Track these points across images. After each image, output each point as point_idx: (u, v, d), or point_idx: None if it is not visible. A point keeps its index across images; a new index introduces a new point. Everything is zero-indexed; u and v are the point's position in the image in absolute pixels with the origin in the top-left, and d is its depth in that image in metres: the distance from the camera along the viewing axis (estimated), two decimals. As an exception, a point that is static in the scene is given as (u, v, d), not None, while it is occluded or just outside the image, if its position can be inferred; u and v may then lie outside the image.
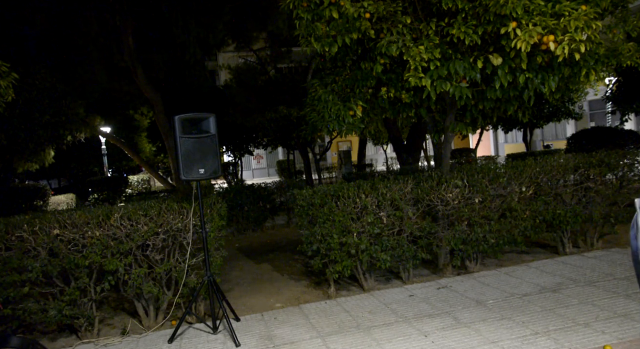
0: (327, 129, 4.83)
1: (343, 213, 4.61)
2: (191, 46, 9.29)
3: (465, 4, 4.06)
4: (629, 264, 4.90)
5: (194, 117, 4.16)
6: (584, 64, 4.11)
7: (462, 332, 3.67)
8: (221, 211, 4.55)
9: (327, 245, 4.61)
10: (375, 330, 3.89)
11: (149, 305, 4.46)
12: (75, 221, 4.14)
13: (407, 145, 9.01)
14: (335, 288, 4.98)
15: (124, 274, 4.18)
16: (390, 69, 4.74)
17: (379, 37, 4.40)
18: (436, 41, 4.15)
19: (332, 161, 26.70)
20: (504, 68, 4.09)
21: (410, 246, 4.79)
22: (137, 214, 4.24)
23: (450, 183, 4.87)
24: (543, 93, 4.35)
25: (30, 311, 4.04)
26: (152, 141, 15.97)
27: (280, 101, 12.63)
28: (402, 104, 5.01)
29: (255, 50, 14.30)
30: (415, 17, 4.46)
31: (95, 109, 12.21)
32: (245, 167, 23.02)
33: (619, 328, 3.45)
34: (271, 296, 5.13)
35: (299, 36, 4.62)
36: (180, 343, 4.05)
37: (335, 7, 4.26)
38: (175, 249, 4.41)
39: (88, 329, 4.32)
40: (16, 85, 4.43)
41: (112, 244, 4.14)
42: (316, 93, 4.90)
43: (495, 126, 16.75)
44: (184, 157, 4.03)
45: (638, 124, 20.37)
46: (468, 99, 4.35)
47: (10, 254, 3.98)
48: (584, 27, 3.66)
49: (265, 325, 4.26)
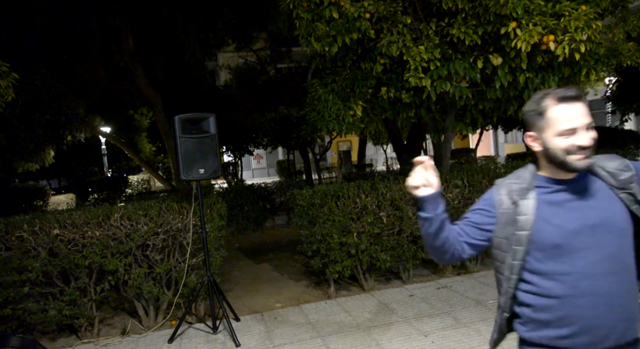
0: (327, 129, 4.83)
1: (343, 213, 4.61)
2: (191, 46, 9.28)
3: (465, 4, 4.06)
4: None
5: (194, 117, 4.15)
6: (584, 64, 4.11)
7: (462, 332, 3.67)
8: (221, 211, 4.55)
9: (327, 245, 4.61)
10: (375, 330, 3.89)
11: (149, 305, 4.45)
12: (75, 221, 4.14)
13: (407, 145, 9.01)
14: (335, 288, 4.98)
15: (124, 274, 4.18)
16: (390, 69, 4.74)
17: (379, 37, 4.40)
18: (436, 41, 4.15)
19: (332, 161, 26.68)
20: (504, 68, 4.10)
21: (410, 246, 4.78)
22: (137, 214, 4.24)
23: (450, 183, 4.87)
24: (543, 93, 4.34)
25: (30, 311, 4.04)
26: (152, 141, 15.95)
27: (280, 101, 12.60)
28: (402, 104, 5.00)
29: (255, 50, 14.28)
30: (415, 17, 4.46)
31: (95, 109, 12.21)
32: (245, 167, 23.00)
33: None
34: (271, 296, 5.13)
35: (299, 36, 4.62)
36: (180, 343, 4.05)
37: (335, 7, 4.26)
38: (175, 249, 4.40)
39: (88, 329, 4.32)
40: (16, 85, 4.42)
41: (112, 244, 4.13)
42: (316, 93, 4.90)
43: (495, 126, 16.74)
44: (184, 157, 4.02)
45: (638, 124, 20.36)
46: (468, 99, 4.35)
47: (10, 254, 3.98)
48: (584, 27, 3.66)
49: (265, 325, 4.26)
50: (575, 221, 1.36)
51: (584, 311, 1.32)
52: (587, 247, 1.34)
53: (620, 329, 1.32)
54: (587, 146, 1.34)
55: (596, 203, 1.38)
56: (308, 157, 14.27)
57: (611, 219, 1.35)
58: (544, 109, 1.39)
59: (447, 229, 1.51)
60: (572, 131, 1.35)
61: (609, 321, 1.31)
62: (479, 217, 1.53)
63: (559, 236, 1.36)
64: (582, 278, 1.33)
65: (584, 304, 1.32)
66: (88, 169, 19.33)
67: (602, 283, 1.32)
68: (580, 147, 1.34)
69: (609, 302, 1.31)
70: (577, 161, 1.35)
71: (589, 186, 1.40)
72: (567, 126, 1.35)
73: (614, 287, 1.32)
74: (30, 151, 9.19)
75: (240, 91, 13.37)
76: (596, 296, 1.31)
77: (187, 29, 8.99)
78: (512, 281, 1.44)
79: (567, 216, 1.38)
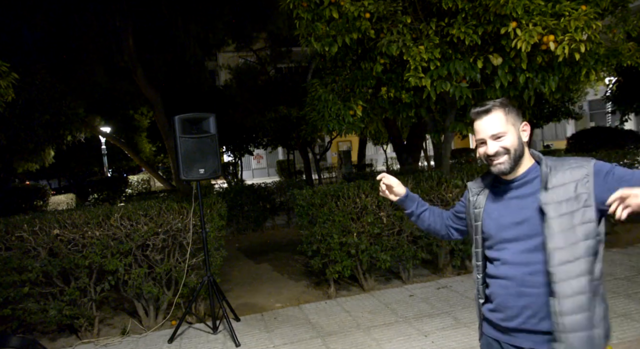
0: (327, 129, 4.82)
1: (343, 213, 4.61)
2: (191, 46, 9.29)
3: (465, 4, 4.06)
4: (629, 264, 4.90)
5: (194, 117, 4.15)
6: (584, 64, 4.11)
7: (462, 332, 3.67)
8: (221, 211, 4.55)
9: (327, 245, 4.61)
10: (375, 330, 3.88)
11: (149, 305, 4.45)
12: (75, 221, 4.14)
13: (407, 145, 9.01)
14: (335, 288, 4.98)
15: (124, 274, 4.18)
16: (390, 69, 4.74)
17: (379, 37, 4.40)
18: (436, 41, 4.14)
19: (332, 161, 26.68)
20: (504, 68, 4.09)
21: (410, 246, 4.78)
22: (137, 214, 4.24)
23: (450, 183, 4.87)
24: (543, 93, 4.34)
25: (30, 311, 4.04)
26: (152, 141, 15.96)
27: (280, 101, 12.61)
28: (402, 104, 5.00)
29: (255, 50, 14.28)
30: (415, 17, 4.46)
31: (95, 109, 12.20)
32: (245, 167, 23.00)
33: (619, 328, 3.44)
34: (271, 296, 5.13)
35: (299, 36, 4.61)
36: (180, 343, 4.05)
37: (335, 7, 4.26)
38: (175, 249, 4.40)
39: (88, 329, 4.32)
40: (16, 85, 4.42)
41: (112, 244, 4.13)
42: (316, 93, 4.89)
43: (495, 126, 16.70)
44: (184, 157, 4.02)
45: (638, 124, 20.36)
46: (468, 99, 4.35)
47: (10, 254, 3.98)
48: (584, 27, 3.66)
49: (265, 325, 4.26)
50: (506, 216, 1.56)
51: (500, 290, 1.57)
52: (512, 240, 1.54)
53: (526, 315, 1.50)
54: (491, 154, 1.54)
55: (527, 203, 1.52)
56: (308, 157, 14.27)
57: (534, 218, 1.49)
58: (472, 124, 1.62)
59: (428, 217, 1.92)
60: (482, 141, 1.56)
61: (516, 305, 1.52)
62: (458, 207, 1.87)
63: (494, 228, 1.59)
64: (504, 264, 1.56)
65: (501, 285, 1.56)
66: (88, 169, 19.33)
67: (516, 271, 1.52)
68: (488, 155, 1.55)
69: (518, 288, 1.51)
70: (492, 167, 1.56)
71: (526, 188, 1.56)
72: (478, 137, 1.58)
73: (526, 277, 1.49)
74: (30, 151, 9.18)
75: (240, 91, 13.36)
76: (509, 280, 1.53)
77: (187, 29, 8.99)
78: (480, 268, 1.68)
79: (502, 211, 1.58)
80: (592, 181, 1.43)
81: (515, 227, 1.53)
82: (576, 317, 1.39)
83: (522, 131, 1.56)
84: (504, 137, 1.52)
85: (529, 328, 1.50)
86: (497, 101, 1.57)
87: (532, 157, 1.58)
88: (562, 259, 1.40)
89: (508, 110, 1.54)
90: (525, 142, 1.57)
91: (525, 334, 1.52)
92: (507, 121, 1.53)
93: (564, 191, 1.44)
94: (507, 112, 1.54)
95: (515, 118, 1.56)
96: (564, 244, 1.40)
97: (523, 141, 1.56)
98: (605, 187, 1.41)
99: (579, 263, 1.40)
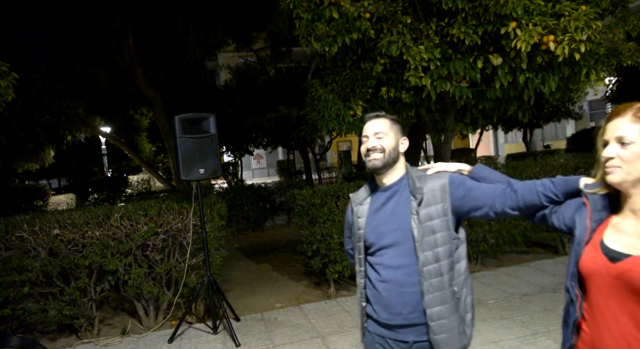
0: (327, 129, 4.82)
1: (343, 213, 4.60)
2: (191, 46, 9.28)
3: (465, 4, 4.06)
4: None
5: (194, 117, 4.15)
6: (584, 64, 4.11)
7: (462, 332, 3.67)
8: (221, 211, 4.55)
9: (327, 245, 4.61)
10: (375, 330, 3.88)
11: (149, 305, 4.46)
12: (75, 221, 4.14)
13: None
14: (335, 288, 4.98)
15: (124, 274, 4.18)
16: (390, 68, 4.74)
17: (379, 37, 4.40)
18: (436, 41, 4.15)
19: (332, 161, 26.67)
20: (504, 68, 4.09)
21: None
22: (137, 214, 4.23)
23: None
24: (543, 93, 4.34)
25: (30, 311, 4.04)
26: (152, 141, 15.97)
27: (280, 101, 12.61)
28: (402, 104, 5.00)
29: (255, 50, 14.28)
30: (415, 17, 4.46)
31: (95, 109, 12.19)
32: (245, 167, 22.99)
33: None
34: (271, 296, 5.13)
35: (299, 36, 4.61)
36: (180, 343, 4.05)
37: (335, 7, 4.26)
38: (175, 249, 4.40)
39: (88, 329, 4.32)
40: (16, 86, 4.42)
41: (112, 244, 4.13)
42: (316, 93, 4.89)
43: (495, 126, 16.75)
44: (184, 157, 4.02)
45: (638, 124, 20.29)
46: (468, 99, 4.35)
47: (10, 254, 3.98)
48: (584, 27, 3.66)
49: (265, 325, 4.26)
50: (384, 224, 1.71)
51: (383, 292, 1.70)
52: (389, 245, 1.70)
53: (407, 311, 1.66)
54: (369, 147, 1.72)
55: (400, 210, 1.70)
56: (308, 157, 14.28)
57: (406, 225, 1.66)
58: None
59: None
60: (366, 136, 1.75)
61: (398, 304, 1.67)
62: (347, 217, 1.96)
63: (374, 235, 1.73)
64: (385, 268, 1.70)
65: (384, 288, 1.70)
66: (88, 169, 19.31)
67: (395, 273, 1.68)
68: (367, 149, 1.73)
69: (398, 289, 1.67)
70: (367, 162, 1.73)
71: (399, 196, 1.73)
72: (363, 133, 1.77)
73: (405, 278, 1.66)
74: (30, 151, 9.17)
75: (240, 91, 13.37)
76: (390, 283, 1.69)
77: (187, 29, 8.99)
78: (362, 273, 1.82)
79: (380, 220, 1.73)
80: (449, 190, 1.65)
81: (392, 233, 1.69)
82: (439, 308, 1.62)
83: (401, 143, 1.77)
84: (384, 138, 1.72)
85: (411, 322, 1.67)
86: (388, 115, 1.80)
87: (405, 169, 1.78)
88: (427, 261, 1.63)
89: (394, 122, 1.78)
90: (402, 153, 1.78)
91: (408, 328, 1.68)
92: (390, 128, 1.75)
93: (427, 199, 1.65)
94: (392, 123, 1.77)
95: (398, 131, 1.77)
96: (428, 248, 1.63)
97: (400, 151, 1.76)
98: (458, 195, 1.64)
99: (440, 264, 1.63)
